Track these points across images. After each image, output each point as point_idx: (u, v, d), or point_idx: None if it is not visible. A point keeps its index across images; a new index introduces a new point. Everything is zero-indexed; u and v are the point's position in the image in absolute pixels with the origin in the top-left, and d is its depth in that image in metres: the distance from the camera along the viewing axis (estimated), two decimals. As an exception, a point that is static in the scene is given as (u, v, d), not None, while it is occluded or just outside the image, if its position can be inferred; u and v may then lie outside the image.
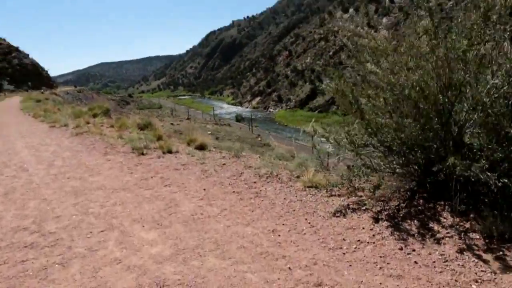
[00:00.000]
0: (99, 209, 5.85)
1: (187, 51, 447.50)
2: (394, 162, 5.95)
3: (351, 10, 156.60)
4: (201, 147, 9.77)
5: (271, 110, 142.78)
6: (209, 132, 61.47)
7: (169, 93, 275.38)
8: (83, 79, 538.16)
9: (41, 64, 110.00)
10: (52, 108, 25.89)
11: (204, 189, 6.54)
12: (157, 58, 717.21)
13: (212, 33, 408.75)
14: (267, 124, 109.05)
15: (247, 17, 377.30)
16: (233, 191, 6.37)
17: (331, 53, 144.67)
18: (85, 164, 8.81)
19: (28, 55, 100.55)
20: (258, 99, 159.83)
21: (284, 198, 5.93)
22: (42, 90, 72.13)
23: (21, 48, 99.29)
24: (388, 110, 5.51)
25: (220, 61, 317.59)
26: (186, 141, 10.60)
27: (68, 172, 8.09)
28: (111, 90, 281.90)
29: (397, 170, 5.91)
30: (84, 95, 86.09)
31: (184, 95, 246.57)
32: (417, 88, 5.07)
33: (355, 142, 5.57)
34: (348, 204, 5.48)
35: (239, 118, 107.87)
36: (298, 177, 6.93)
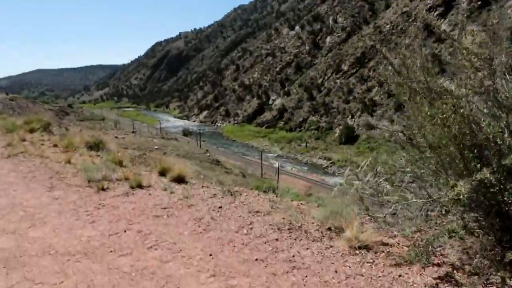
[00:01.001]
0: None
1: (132, 62, 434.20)
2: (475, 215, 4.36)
3: (297, 27, 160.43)
4: (179, 179, 7.68)
5: (219, 124, 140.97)
6: (156, 147, 57.98)
7: (113, 105, 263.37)
8: (17, 86, 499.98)
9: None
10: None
11: (211, 255, 4.47)
12: (100, 67, 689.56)
13: (159, 44, 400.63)
14: (215, 139, 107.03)
15: (195, 29, 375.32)
16: (255, 258, 4.39)
17: (278, 68, 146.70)
18: (22, 205, 6.32)
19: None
20: (205, 113, 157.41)
21: (336, 271, 4.08)
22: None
23: None
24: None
25: (166, 73, 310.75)
26: (157, 169, 8.42)
27: (-6, 220, 5.60)
28: (49, 99, 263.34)
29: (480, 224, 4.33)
30: (18, 103, 78.73)
31: (128, 107, 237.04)
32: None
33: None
34: (436, 284, 3.77)
35: (186, 133, 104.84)
36: (330, 229, 5.13)
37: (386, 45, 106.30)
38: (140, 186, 7.17)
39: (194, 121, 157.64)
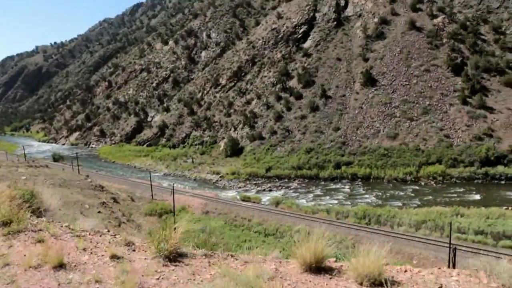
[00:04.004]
0: None
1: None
2: None
3: (170, 42, 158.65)
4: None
5: (94, 146, 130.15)
6: (24, 177, 50.57)
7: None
8: None
9: None
10: None
11: None
12: None
13: (10, 58, 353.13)
14: (91, 162, 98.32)
15: (55, 43, 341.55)
16: None
17: (154, 84, 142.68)
18: None
19: None
20: (76, 134, 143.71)
21: None
22: None
23: None
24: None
25: (23, 92, 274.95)
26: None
27: None
28: None
29: None
30: None
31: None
32: None
33: None
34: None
35: (57, 157, 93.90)
36: None
37: (260, 59, 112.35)
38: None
39: (63, 144, 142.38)
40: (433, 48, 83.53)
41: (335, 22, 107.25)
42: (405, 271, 4.54)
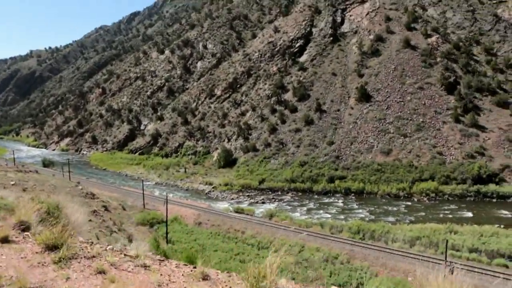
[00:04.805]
0: None
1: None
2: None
3: (166, 51, 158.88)
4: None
5: (85, 152, 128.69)
6: (12, 182, 49.70)
7: None
8: None
9: None
10: None
11: None
12: None
13: (3, 61, 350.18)
14: (82, 169, 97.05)
15: (50, 48, 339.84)
16: None
17: (149, 92, 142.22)
18: None
19: None
20: (67, 140, 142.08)
21: None
22: None
23: None
24: None
25: (15, 95, 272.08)
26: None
27: None
28: None
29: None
30: None
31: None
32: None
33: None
34: None
35: (47, 163, 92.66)
36: None
37: (256, 71, 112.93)
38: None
39: (54, 150, 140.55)
40: (427, 67, 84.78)
41: (331, 38, 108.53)
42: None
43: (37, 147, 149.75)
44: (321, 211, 55.62)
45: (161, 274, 4.71)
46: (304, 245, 37.92)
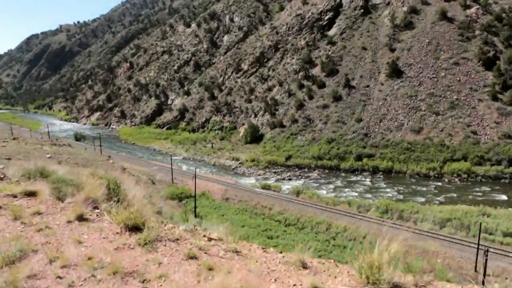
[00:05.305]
0: None
1: (1, 56, 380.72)
2: None
3: (193, 25, 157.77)
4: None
5: (114, 126, 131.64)
6: (48, 155, 51.44)
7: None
8: None
9: None
10: None
11: None
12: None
13: (35, 36, 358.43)
14: (111, 143, 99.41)
15: (78, 22, 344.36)
16: None
17: (175, 67, 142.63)
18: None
19: None
20: (97, 114, 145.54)
21: None
22: None
23: None
24: None
25: (46, 70, 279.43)
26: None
27: None
28: None
29: None
30: None
31: (0, 109, 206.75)
32: None
33: None
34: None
35: (78, 137, 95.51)
36: None
37: (283, 45, 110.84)
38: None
39: (84, 124, 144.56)
40: (464, 41, 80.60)
41: (362, 10, 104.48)
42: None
43: (69, 121, 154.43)
44: (348, 189, 55.12)
45: (256, 261, 4.49)
46: (331, 223, 37.83)
